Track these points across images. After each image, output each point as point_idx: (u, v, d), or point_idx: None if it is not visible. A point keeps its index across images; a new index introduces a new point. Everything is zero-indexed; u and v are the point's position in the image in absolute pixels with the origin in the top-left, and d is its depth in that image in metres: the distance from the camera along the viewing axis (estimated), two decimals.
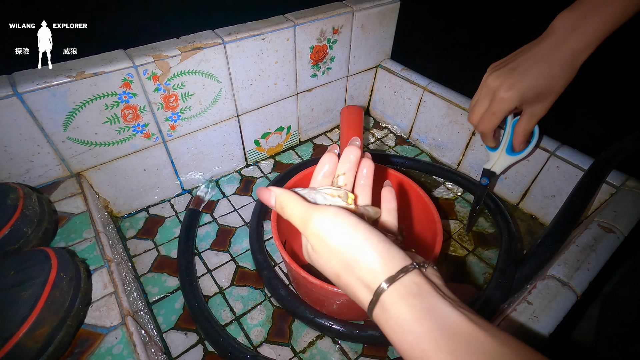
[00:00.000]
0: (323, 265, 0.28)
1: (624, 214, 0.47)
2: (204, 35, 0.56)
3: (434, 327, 0.22)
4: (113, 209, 0.61)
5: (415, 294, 0.23)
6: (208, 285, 0.55)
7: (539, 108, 0.44)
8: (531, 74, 0.40)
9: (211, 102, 0.61)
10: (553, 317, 0.37)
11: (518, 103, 0.42)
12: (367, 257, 0.25)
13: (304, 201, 0.30)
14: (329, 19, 0.65)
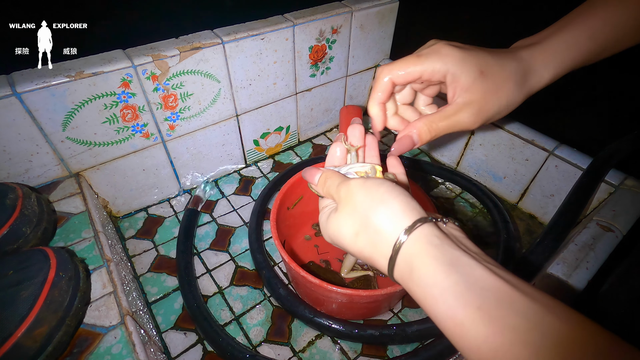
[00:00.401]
0: (343, 225, 0.27)
1: (622, 212, 0.47)
2: (203, 35, 0.56)
3: (459, 280, 0.21)
4: (112, 209, 0.61)
5: (436, 245, 0.22)
6: (207, 285, 0.55)
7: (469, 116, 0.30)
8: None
9: (210, 102, 0.61)
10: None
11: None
12: (386, 207, 0.25)
13: (343, 176, 0.31)
14: (328, 19, 0.65)
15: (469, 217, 0.66)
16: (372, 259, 0.26)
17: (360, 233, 0.26)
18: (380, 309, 0.51)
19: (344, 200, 0.28)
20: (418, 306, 0.53)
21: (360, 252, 0.26)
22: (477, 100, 0.29)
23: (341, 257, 0.59)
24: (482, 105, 0.29)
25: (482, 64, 0.29)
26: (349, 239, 0.27)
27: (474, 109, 0.29)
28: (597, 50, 0.31)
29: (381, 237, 0.25)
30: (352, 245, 0.27)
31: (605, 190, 0.54)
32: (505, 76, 0.29)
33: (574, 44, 0.30)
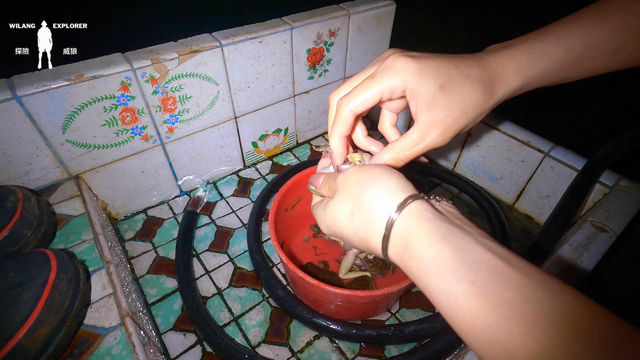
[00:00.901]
0: (339, 209, 0.28)
1: (616, 213, 0.48)
2: (202, 38, 0.56)
3: (452, 254, 0.21)
4: (111, 211, 0.62)
5: (429, 219, 0.23)
6: (206, 286, 0.55)
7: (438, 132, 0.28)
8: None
9: (209, 105, 0.61)
10: None
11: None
12: (380, 184, 0.26)
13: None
14: (326, 22, 0.66)
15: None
16: (367, 239, 0.26)
17: (355, 212, 0.26)
18: (378, 310, 0.51)
19: (340, 186, 0.29)
20: (415, 306, 0.53)
21: (355, 233, 0.27)
22: (441, 119, 0.27)
23: (339, 258, 0.59)
24: (447, 124, 0.27)
25: (443, 77, 0.27)
26: (345, 222, 0.27)
27: (440, 129, 0.27)
28: (571, 62, 0.29)
29: (375, 214, 0.25)
30: (349, 226, 0.27)
31: (599, 191, 0.55)
32: (470, 87, 0.27)
33: (546, 53, 0.29)
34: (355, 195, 0.27)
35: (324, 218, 0.30)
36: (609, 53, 0.29)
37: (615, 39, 0.29)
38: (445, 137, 0.28)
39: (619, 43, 0.29)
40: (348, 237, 0.28)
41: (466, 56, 0.29)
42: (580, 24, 0.29)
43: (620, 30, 0.29)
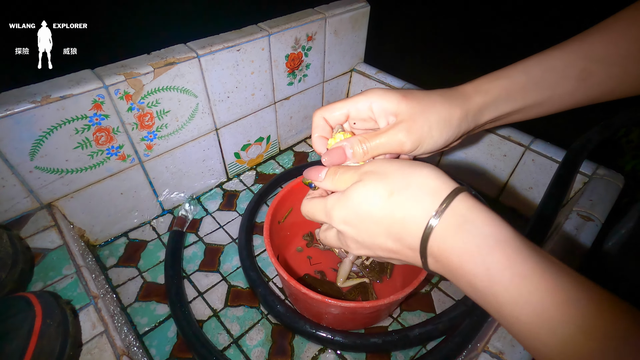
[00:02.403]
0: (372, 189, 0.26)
1: (599, 201, 0.50)
2: (177, 49, 0.54)
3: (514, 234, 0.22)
4: (89, 238, 0.57)
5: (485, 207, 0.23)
6: (201, 309, 0.52)
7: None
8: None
9: (188, 118, 0.58)
10: None
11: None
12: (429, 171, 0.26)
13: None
14: (303, 27, 0.65)
15: None
16: (406, 219, 0.25)
17: (396, 192, 0.25)
18: (381, 317, 0.51)
19: (372, 171, 0.27)
20: (416, 309, 0.53)
21: (391, 213, 0.25)
22: (405, 120, 0.29)
23: (335, 267, 0.58)
24: (410, 125, 0.29)
25: (404, 92, 0.30)
26: (380, 202, 0.26)
27: (404, 128, 0.29)
28: (533, 84, 0.31)
29: (425, 191, 0.24)
30: (384, 207, 0.25)
31: (579, 180, 0.57)
32: (431, 98, 0.30)
33: (503, 75, 0.31)
34: (397, 175, 0.26)
35: (341, 204, 0.28)
36: (575, 78, 0.30)
37: (576, 64, 0.30)
38: (409, 136, 0.29)
39: (582, 68, 0.30)
40: (378, 219, 0.26)
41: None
42: (538, 55, 0.32)
43: (581, 57, 0.30)
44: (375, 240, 0.27)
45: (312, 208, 0.31)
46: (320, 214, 0.30)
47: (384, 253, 0.28)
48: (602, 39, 0.30)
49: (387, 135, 0.29)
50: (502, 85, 0.31)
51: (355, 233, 0.28)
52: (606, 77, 0.30)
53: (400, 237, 0.25)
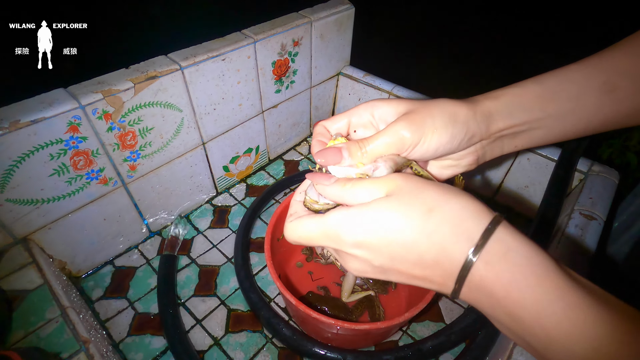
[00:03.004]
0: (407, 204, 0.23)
1: (599, 199, 0.50)
2: (158, 61, 0.50)
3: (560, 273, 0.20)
4: (71, 269, 0.53)
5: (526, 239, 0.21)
6: (200, 338, 0.49)
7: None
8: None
9: (173, 134, 0.55)
10: None
11: None
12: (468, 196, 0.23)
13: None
14: (289, 32, 0.62)
15: None
16: (445, 242, 0.22)
17: (437, 210, 0.22)
18: (392, 333, 0.49)
19: (398, 187, 0.24)
20: (424, 319, 0.52)
21: (427, 235, 0.22)
22: (406, 113, 0.27)
23: (338, 281, 0.56)
24: (411, 117, 0.27)
25: (408, 99, 0.29)
26: (414, 222, 0.22)
27: (404, 119, 0.27)
28: (550, 95, 0.29)
29: (467, 214, 0.22)
30: (418, 227, 0.22)
31: (576, 177, 0.57)
32: (435, 99, 0.28)
33: (515, 86, 0.29)
34: (433, 192, 0.23)
35: (355, 222, 0.24)
36: (597, 90, 0.28)
37: (597, 76, 0.28)
38: (412, 126, 0.26)
39: (605, 80, 0.28)
40: (410, 243, 0.23)
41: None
42: (552, 70, 0.30)
43: (602, 69, 0.28)
44: (399, 265, 0.24)
45: (307, 231, 0.26)
46: (320, 237, 0.25)
47: (402, 278, 0.25)
48: (626, 53, 0.28)
49: (385, 131, 0.27)
50: (513, 92, 0.29)
51: (371, 257, 0.24)
52: (635, 90, 0.28)
53: (435, 264, 0.23)
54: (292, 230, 0.27)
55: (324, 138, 0.31)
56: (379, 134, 0.27)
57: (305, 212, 0.28)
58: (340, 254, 0.26)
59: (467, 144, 0.28)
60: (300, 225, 0.26)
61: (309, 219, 0.26)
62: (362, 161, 0.27)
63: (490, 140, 0.30)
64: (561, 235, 0.46)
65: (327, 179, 0.27)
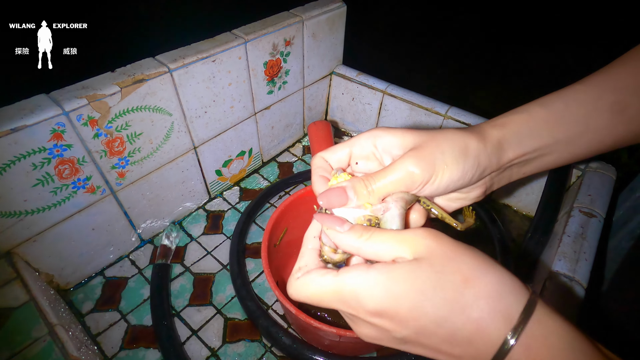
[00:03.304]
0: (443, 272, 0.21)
1: (598, 196, 0.50)
2: (145, 64, 0.48)
3: None
4: (59, 282, 0.51)
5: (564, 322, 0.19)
6: (197, 349, 0.48)
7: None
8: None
9: (163, 139, 0.53)
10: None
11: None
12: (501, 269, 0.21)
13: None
14: (280, 31, 0.60)
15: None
16: (483, 320, 0.19)
17: (473, 281, 0.20)
18: None
19: (434, 249, 0.21)
20: None
21: (462, 309, 0.20)
22: (413, 148, 0.25)
23: None
24: (419, 152, 0.25)
25: (411, 128, 0.27)
26: (451, 289, 0.20)
27: (412, 155, 0.25)
28: (557, 118, 0.27)
29: (506, 289, 0.20)
30: (455, 296, 0.20)
31: (573, 174, 0.57)
32: (441, 130, 0.27)
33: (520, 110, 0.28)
34: (468, 259, 0.21)
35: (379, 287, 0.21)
36: (608, 111, 0.27)
37: (606, 97, 0.27)
38: (419, 162, 0.24)
39: (614, 100, 0.27)
40: (441, 318, 0.20)
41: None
42: (557, 91, 0.28)
43: (609, 89, 0.27)
44: (424, 340, 0.21)
45: (317, 292, 0.22)
46: (334, 300, 0.22)
47: (425, 351, 0.22)
48: (632, 69, 0.27)
49: (393, 168, 0.25)
50: (520, 118, 0.27)
51: (393, 328, 0.21)
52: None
53: (467, 343, 0.20)
54: (300, 289, 0.23)
55: (325, 172, 0.28)
56: (386, 171, 0.25)
57: (315, 264, 0.25)
58: (354, 319, 0.23)
59: (478, 178, 0.27)
60: (311, 284, 0.23)
61: (320, 277, 0.22)
62: (369, 201, 0.25)
63: (501, 170, 0.28)
64: (562, 234, 0.46)
65: (340, 223, 0.23)
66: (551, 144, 0.27)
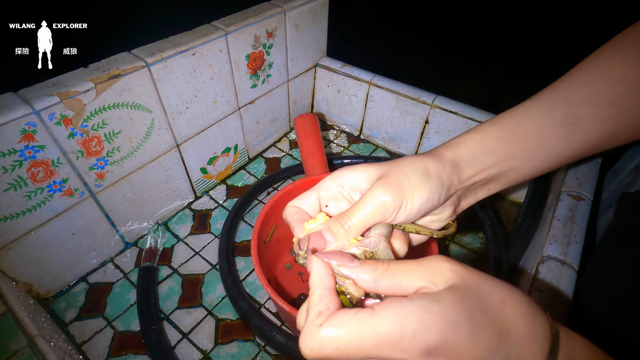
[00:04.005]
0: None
1: (585, 179, 0.50)
2: (120, 58, 0.46)
3: None
4: (39, 291, 0.48)
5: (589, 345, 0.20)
6: (188, 353, 0.46)
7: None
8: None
9: (143, 137, 0.51)
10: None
11: None
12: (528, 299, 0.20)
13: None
14: (262, 22, 0.59)
15: None
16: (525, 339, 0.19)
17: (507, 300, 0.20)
18: None
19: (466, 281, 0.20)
20: None
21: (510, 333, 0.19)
22: (379, 178, 0.26)
23: None
24: (386, 180, 0.25)
25: (371, 163, 0.28)
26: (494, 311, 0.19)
27: (380, 184, 0.25)
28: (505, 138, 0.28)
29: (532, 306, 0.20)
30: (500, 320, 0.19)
31: None
32: (401, 158, 0.27)
33: (474, 128, 0.29)
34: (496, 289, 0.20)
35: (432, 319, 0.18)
36: (560, 124, 0.27)
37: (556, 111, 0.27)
38: (389, 189, 0.24)
39: (565, 113, 0.27)
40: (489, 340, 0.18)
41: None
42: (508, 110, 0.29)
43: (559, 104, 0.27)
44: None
45: (352, 336, 0.18)
46: (372, 346, 0.18)
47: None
48: (581, 82, 0.27)
49: (364, 201, 0.25)
50: (473, 138, 0.28)
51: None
52: (598, 118, 0.27)
53: None
54: (328, 337, 0.18)
55: (302, 217, 0.28)
56: (359, 205, 0.25)
57: (337, 306, 0.20)
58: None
59: (445, 196, 0.27)
60: (343, 329, 0.18)
61: (353, 318, 0.18)
62: (346, 239, 0.25)
63: (464, 189, 0.28)
64: (552, 217, 0.46)
65: (350, 259, 0.21)
66: (507, 159, 0.28)
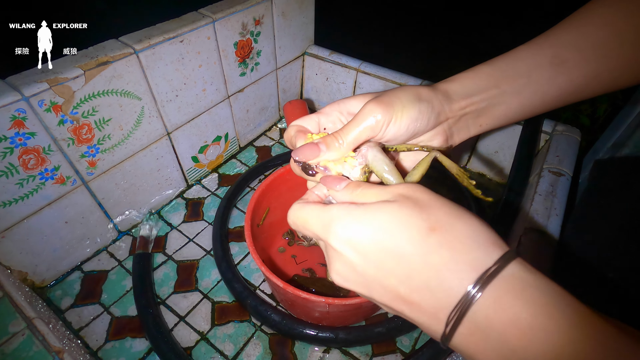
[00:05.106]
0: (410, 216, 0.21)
1: (565, 156, 0.53)
2: (108, 45, 0.46)
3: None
4: (35, 280, 0.49)
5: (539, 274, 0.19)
6: (185, 334, 0.47)
7: None
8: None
9: (134, 125, 0.51)
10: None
11: None
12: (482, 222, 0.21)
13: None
14: (249, 9, 0.59)
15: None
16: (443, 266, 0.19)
17: (438, 230, 0.20)
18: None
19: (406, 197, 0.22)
20: None
21: (424, 253, 0.20)
22: (372, 95, 0.28)
23: (323, 261, 0.55)
24: (378, 97, 0.27)
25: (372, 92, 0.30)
26: (412, 234, 0.20)
27: (372, 100, 0.27)
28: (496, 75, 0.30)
29: (477, 241, 0.20)
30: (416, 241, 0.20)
31: (542, 138, 0.59)
32: (396, 87, 0.29)
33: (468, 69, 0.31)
34: (441, 211, 0.21)
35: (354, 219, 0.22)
36: (548, 64, 0.29)
37: (545, 52, 0.30)
38: (379, 103, 0.26)
39: (553, 54, 0.29)
40: (402, 256, 0.20)
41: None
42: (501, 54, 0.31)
43: (548, 46, 0.30)
44: (383, 279, 0.21)
45: (306, 215, 0.25)
46: (315, 224, 0.24)
47: (387, 297, 0.22)
48: (569, 28, 0.30)
49: (356, 117, 0.27)
50: (466, 75, 0.31)
51: (357, 260, 0.22)
52: (582, 59, 0.29)
53: (425, 288, 0.20)
54: (295, 212, 0.26)
55: (302, 129, 0.30)
56: (352, 121, 0.27)
57: (314, 200, 0.28)
58: (328, 250, 0.24)
59: (435, 121, 0.29)
60: (303, 209, 0.25)
61: (313, 205, 0.25)
62: (340, 152, 0.27)
63: (455, 118, 0.30)
64: (534, 193, 0.48)
65: (339, 181, 0.26)
66: (497, 94, 0.30)
